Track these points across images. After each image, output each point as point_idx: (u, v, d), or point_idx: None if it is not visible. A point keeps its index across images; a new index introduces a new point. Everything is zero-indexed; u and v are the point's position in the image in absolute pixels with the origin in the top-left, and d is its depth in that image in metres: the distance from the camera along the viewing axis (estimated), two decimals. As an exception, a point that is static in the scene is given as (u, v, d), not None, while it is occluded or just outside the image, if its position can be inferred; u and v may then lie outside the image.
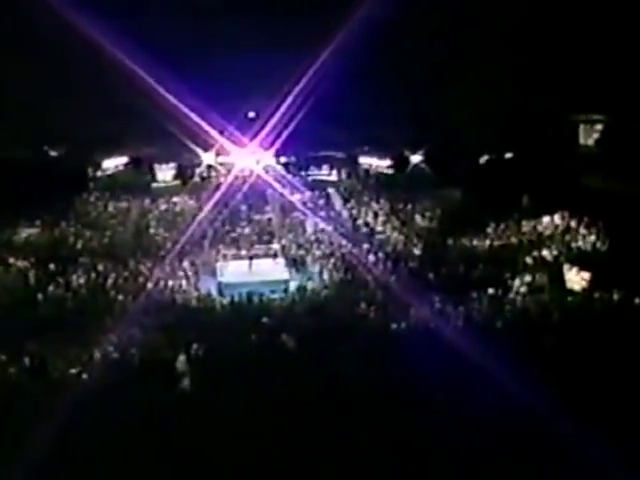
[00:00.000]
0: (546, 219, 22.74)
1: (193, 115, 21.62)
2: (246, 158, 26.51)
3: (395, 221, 24.52)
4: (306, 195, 26.81)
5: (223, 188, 25.25)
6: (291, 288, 19.03)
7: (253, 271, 21.00)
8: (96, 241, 22.24)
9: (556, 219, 22.58)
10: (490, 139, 25.75)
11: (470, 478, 8.19)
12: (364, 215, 25.31)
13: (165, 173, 28.75)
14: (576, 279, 17.71)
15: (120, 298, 17.43)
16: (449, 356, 10.86)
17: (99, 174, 27.91)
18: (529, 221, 22.90)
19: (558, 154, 23.92)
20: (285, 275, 20.36)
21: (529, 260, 20.00)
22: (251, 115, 25.37)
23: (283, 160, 29.11)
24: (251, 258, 21.65)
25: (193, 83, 20.00)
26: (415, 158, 28.22)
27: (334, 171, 30.07)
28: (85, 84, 22.01)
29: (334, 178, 29.87)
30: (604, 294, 16.12)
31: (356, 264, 20.10)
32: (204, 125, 22.44)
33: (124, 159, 28.37)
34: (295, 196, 26.29)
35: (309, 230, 23.81)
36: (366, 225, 24.31)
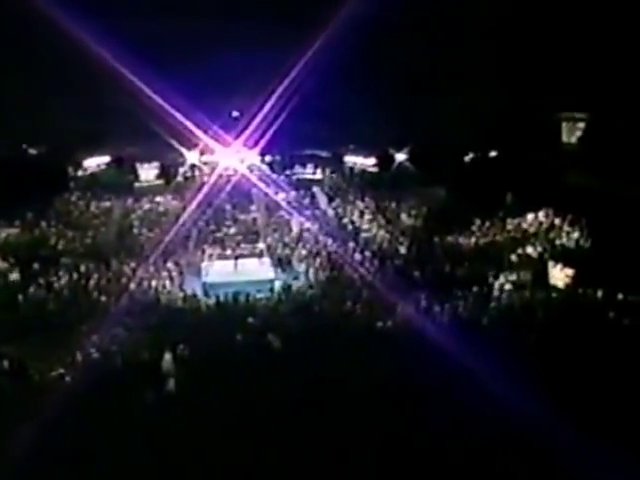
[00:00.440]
0: (530, 216, 22.90)
1: (176, 113, 21.41)
2: (230, 157, 26.29)
3: (380, 219, 24.48)
4: (291, 194, 26.64)
5: (207, 187, 24.96)
6: (277, 287, 18.91)
7: (238, 271, 20.81)
8: (78, 241, 21.84)
9: (540, 216, 22.76)
10: (474, 138, 25.93)
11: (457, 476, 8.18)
12: (349, 214, 25.22)
13: (148, 172, 28.40)
14: (560, 276, 17.90)
15: (103, 299, 17.18)
16: (435, 353, 10.86)
17: (80, 173, 27.47)
18: (513, 219, 23.04)
19: (542, 152, 24.18)
20: (271, 275, 20.21)
21: (514, 257, 20.16)
22: (235, 114, 25.23)
23: (268, 159, 28.95)
24: (236, 258, 21.48)
25: (176, 81, 19.81)
26: (400, 156, 28.27)
27: (319, 170, 29.98)
28: (66, 82, 21.74)
29: (319, 177, 29.78)
30: (588, 290, 16.31)
31: (342, 263, 20.06)
32: (188, 124, 22.26)
33: (106, 158, 27.98)
34: (280, 195, 26.12)
35: (294, 229, 23.67)
36: (351, 223, 24.24)
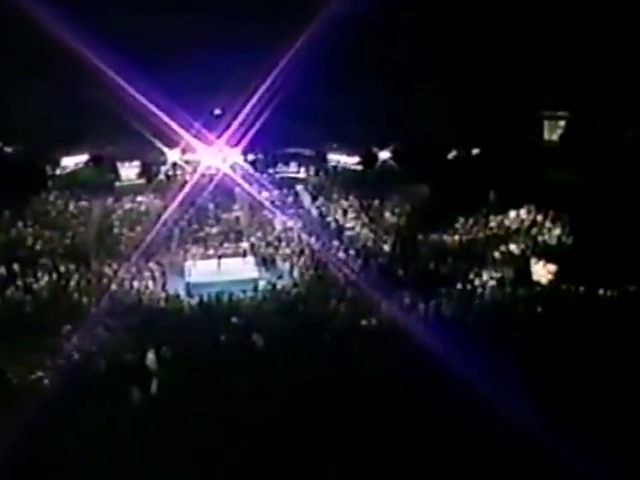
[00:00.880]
0: (513, 214, 23.12)
1: (158, 112, 21.15)
2: (213, 156, 26.07)
3: (364, 218, 24.50)
4: (274, 193, 26.52)
5: (189, 186, 24.74)
6: (261, 287, 18.77)
7: (222, 270, 20.66)
8: (57, 242, 21.43)
9: (522, 213, 22.99)
10: (457, 136, 26.08)
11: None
12: (333, 212, 25.20)
13: (129, 171, 27.95)
14: (542, 272, 18.10)
15: (84, 300, 16.88)
16: (419, 350, 10.85)
17: (58, 172, 26.92)
18: (496, 216, 23.24)
19: (524, 150, 24.41)
20: (254, 274, 20.13)
21: (497, 254, 20.32)
22: (217, 112, 25.00)
23: (251, 157, 28.73)
24: (219, 257, 21.31)
25: (158, 79, 19.56)
26: (384, 155, 28.33)
27: (302, 168, 29.85)
28: (44, 79, 21.36)
29: (303, 175, 29.66)
30: (570, 286, 16.50)
31: (326, 261, 20.03)
32: (169, 121, 21.99)
33: (84, 157, 27.47)
34: (263, 194, 25.98)
35: (278, 228, 23.58)
36: (335, 222, 24.21)
